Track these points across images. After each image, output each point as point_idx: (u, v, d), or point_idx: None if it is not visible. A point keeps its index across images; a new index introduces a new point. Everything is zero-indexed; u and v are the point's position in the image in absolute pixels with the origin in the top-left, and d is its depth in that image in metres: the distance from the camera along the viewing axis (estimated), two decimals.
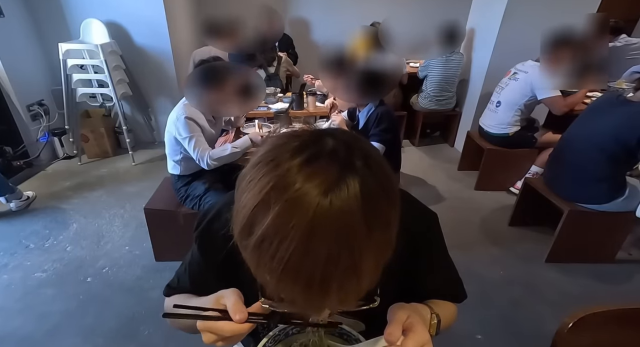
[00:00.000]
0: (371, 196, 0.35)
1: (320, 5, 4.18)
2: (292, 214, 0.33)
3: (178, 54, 3.41)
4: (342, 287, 0.35)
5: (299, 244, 0.33)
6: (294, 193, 0.34)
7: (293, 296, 0.37)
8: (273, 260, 0.34)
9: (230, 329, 0.46)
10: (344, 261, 0.34)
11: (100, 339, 1.63)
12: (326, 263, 0.33)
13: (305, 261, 0.33)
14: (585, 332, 0.71)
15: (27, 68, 3.08)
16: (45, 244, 2.25)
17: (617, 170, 1.87)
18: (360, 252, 0.35)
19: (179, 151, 1.85)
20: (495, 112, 2.67)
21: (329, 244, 0.33)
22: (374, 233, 0.35)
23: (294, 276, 0.34)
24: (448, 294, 0.69)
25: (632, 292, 1.94)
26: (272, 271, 0.35)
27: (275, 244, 0.34)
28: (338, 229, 0.33)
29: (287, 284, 0.35)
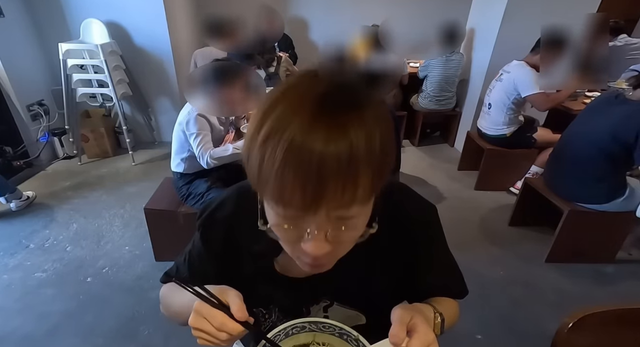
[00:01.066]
0: (374, 112, 0.40)
1: (320, 5, 4.17)
2: (297, 109, 0.38)
3: (178, 54, 3.41)
4: (338, 183, 0.37)
5: (298, 134, 0.36)
6: (301, 92, 0.39)
7: (291, 191, 0.38)
8: (275, 151, 0.37)
9: (221, 322, 0.46)
10: (340, 158, 0.37)
11: (100, 339, 1.63)
12: (324, 153, 0.36)
13: (304, 150, 0.36)
14: (585, 332, 0.71)
15: (27, 68, 3.08)
16: (45, 244, 2.25)
17: (617, 170, 1.87)
18: (357, 157, 0.37)
19: (187, 148, 1.85)
20: (488, 114, 2.69)
21: (328, 138, 0.36)
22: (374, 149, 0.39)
23: (294, 163, 0.37)
24: (450, 290, 0.68)
25: (632, 292, 1.94)
26: (273, 164, 0.37)
27: (278, 136, 0.37)
28: (337, 128, 0.37)
29: (287, 175, 0.37)
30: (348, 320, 0.64)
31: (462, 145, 3.28)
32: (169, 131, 3.72)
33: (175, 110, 3.62)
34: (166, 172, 2.47)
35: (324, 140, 0.36)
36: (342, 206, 0.40)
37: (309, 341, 0.58)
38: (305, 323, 0.57)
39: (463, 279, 0.70)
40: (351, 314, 0.64)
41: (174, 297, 0.64)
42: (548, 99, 2.45)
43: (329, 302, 0.64)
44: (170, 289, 0.68)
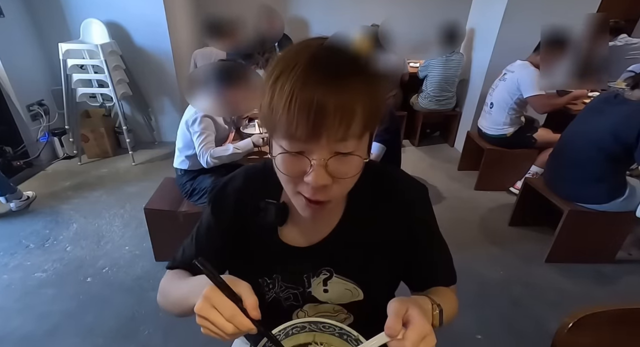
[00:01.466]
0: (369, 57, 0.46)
1: (320, 5, 4.17)
2: (305, 48, 0.47)
3: (178, 54, 3.41)
4: (337, 106, 0.43)
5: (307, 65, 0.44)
6: (310, 41, 0.49)
7: (297, 122, 0.44)
8: (285, 85, 0.44)
9: (232, 313, 0.45)
10: (341, 81, 0.44)
11: (100, 339, 1.63)
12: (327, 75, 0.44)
13: (310, 80, 0.43)
14: (585, 332, 0.71)
15: (27, 68, 3.08)
16: (45, 244, 2.25)
17: (617, 170, 1.87)
18: (354, 81, 0.45)
19: (193, 146, 1.86)
20: (490, 114, 2.68)
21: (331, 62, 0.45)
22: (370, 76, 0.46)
23: (300, 91, 0.43)
24: (443, 276, 0.69)
25: (632, 292, 1.94)
26: (282, 97, 0.44)
27: (287, 72, 0.45)
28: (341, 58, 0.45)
29: (293, 106, 0.43)
30: (347, 294, 0.66)
31: (462, 145, 3.28)
32: (169, 131, 3.73)
33: (175, 110, 3.62)
34: (166, 172, 2.47)
35: (326, 79, 0.43)
36: (340, 137, 0.45)
37: (309, 340, 0.58)
38: (305, 323, 0.57)
39: (451, 264, 0.70)
40: (349, 287, 0.65)
41: (174, 286, 0.64)
42: (548, 102, 2.45)
43: (328, 274, 0.65)
44: (172, 277, 0.68)
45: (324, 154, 0.47)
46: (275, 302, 0.68)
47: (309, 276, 0.66)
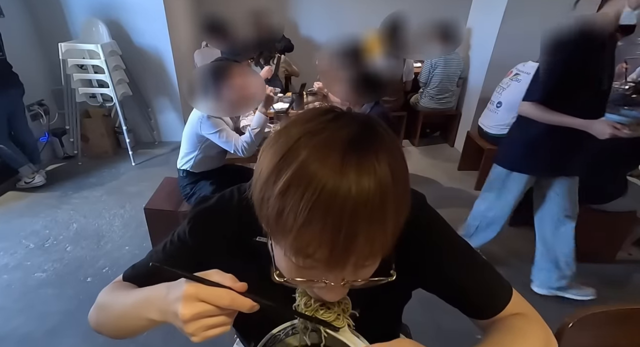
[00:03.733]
0: (392, 149, 0.39)
1: (320, 6, 4.17)
2: (320, 161, 0.35)
3: (178, 54, 3.41)
4: (369, 235, 0.36)
5: (325, 188, 0.33)
6: (325, 137, 0.36)
7: (317, 248, 0.36)
8: (299, 206, 0.34)
9: (231, 298, 0.39)
10: (371, 205, 0.34)
11: (100, 339, 1.62)
12: (354, 207, 0.34)
13: (334, 204, 0.34)
14: (585, 332, 0.71)
15: (27, 68, 3.08)
16: (45, 244, 2.25)
17: (619, 170, 1.87)
18: (387, 198, 0.36)
19: (198, 147, 1.87)
20: (496, 113, 2.66)
21: (357, 189, 0.34)
22: (399, 182, 0.38)
23: (322, 221, 0.34)
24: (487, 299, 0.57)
25: (632, 292, 1.94)
26: (296, 220, 0.35)
27: (302, 188, 0.34)
28: (366, 177, 0.35)
29: (313, 233, 0.35)
30: None
31: (462, 145, 3.28)
32: (169, 131, 3.74)
33: (175, 110, 3.63)
34: (166, 172, 2.47)
35: (357, 191, 0.34)
36: (371, 256, 0.38)
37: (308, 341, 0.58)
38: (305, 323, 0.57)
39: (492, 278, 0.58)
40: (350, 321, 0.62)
41: (120, 295, 0.55)
42: None
43: None
44: (112, 290, 0.59)
45: (345, 275, 0.40)
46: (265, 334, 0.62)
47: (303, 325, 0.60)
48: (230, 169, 2.08)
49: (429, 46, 1.03)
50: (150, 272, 0.60)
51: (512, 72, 2.62)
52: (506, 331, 0.53)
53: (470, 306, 0.59)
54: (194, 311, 0.38)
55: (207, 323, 0.39)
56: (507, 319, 0.56)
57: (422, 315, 1.66)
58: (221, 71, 1.13)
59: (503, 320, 0.56)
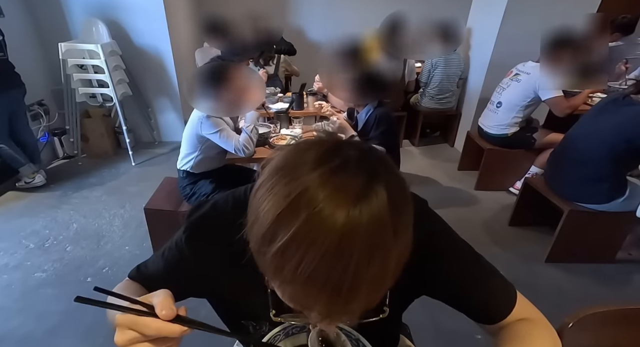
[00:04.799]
0: (396, 201, 0.36)
1: (320, 7, 4.17)
2: (322, 222, 0.33)
3: (178, 54, 3.41)
4: (370, 291, 0.35)
5: (329, 251, 0.33)
6: (323, 201, 0.34)
7: (315, 303, 0.36)
8: (299, 267, 0.33)
9: (156, 327, 0.38)
10: (374, 266, 0.34)
11: (101, 339, 1.63)
12: (357, 268, 0.33)
13: (337, 266, 0.33)
14: (585, 332, 0.71)
15: (27, 68, 3.08)
16: (45, 244, 2.25)
17: (620, 170, 1.88)
18: (389, 255, 0.35)
19: (198, 147, 1.88)
20: (496, 113, 2.66)
21: (360, 250, 0.33)
22: (400, 236, 0.36)
23: (323, 281, 0.34)
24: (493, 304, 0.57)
25: (632, 292, 1.94)
26: (295, 278, 0.34)
27: (302, 250, 0.33)
28: (370, 236, 0.34)
29: (312, 291, 0.35)
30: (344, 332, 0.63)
31: (462, 145, 3.28)
32: (169, 131, 3.74)
33: (175, 110, 3.63)
34: (166, 172, 2.47)
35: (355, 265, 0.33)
36: (367, 307, 0.37)
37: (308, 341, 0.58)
38: (305, 323, 0.57)
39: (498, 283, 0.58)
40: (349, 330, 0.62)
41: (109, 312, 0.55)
42: (568, 104, 2.41)
43: None
44: (124, 288, 0.61)
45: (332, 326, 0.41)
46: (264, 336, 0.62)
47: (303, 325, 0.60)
48: (230, 169, 2.08)
49: (429, 46, 1.03)
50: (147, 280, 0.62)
51: (512, 72, 2.62)
52: (515, 341, 0.52)
53: (475, 312, 0.59)
54: (125, 338, 0.39)
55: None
56: (515, 325, 0.56)
57: (422, 315, 1.66)
58: (219, 71, 1.14)
59: (510, 327, 0.56)
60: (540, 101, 2.47)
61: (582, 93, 2.52)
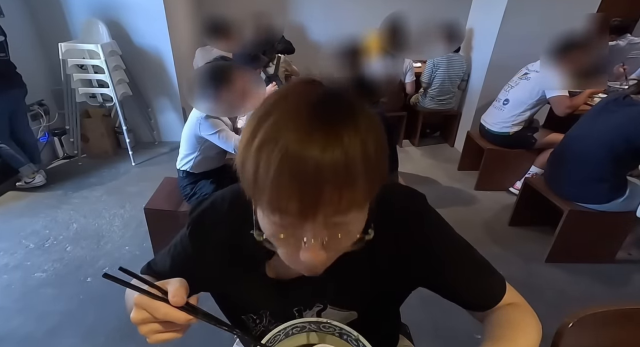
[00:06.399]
0: (363, 105, 0.41)
1: (318, 8, 4.17)
2: (292, 118, 0.38)
3: (178, 54, 3.41)
4: (335, 189, 0.37)
5: (295, 141, 0.36)
6: (293, 100, 0.40)
7: (288, 199, 0.38)
8: (270, 158, 0.37)
9: (164, 312, 0.42)
10: (337, 152, 0.36)
11: (101, 339, 1.63)
12: (319, 159, 0.36)
13: (300, 157, 0.36)
14: (585, 332, 0.71)
15: (27, 68, 3.07)
16: (45, 244, 2.25)
17: (620, 170, 1.88)
18: (352, 153, 0.37)
19: (198, 148, 1.88)
20: (501, 110, 2.66)
21: (324, 145, 0.36)
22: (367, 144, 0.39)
23: (290, 169, 0.36)
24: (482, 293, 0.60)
25: (632, 292, 1.94)
26: (268, 172, 0.37)
27: (273, 144, 0.37)
28: (334, 131, 0.37)
29: (283, 181, 0.37)
30: (342, 320, 0.63)
31: (462, 145, 3.28)
32: (169, 131, 3.74)
33: (175, 110, 3.63)
34: (166, 172, 2.47)
35: (320, 148, 0.36)
36: (339, 211, 0.39)
37: (312, 342, 0.58)
38: (305, 323, 0.57)
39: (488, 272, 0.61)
40: (345, 315, 0.63)
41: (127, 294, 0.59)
42: (571, 103, 2.41)
43: (322, 306, 0.62)
44: None
45: (319, 232, 0.41)
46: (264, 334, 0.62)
47: (300, 309, 0.62)
48: (230, 169, 2.08)
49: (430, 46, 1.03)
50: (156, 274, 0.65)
51: (522, 70, 2.62)
52: (506, 325, 0.56)
53: (468, 301, 0.61)
54: (139, 317, 0.44)
55: (154, 328, 0.44)
56: (504, 310, 0.60)
57: (421, 315, 1.66)
58: (220, 72, 1.14)
59: (499, 311, 0.59)
60: (546, 101, 2.48)
61: (583, 93, 2.52)
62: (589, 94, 2.53)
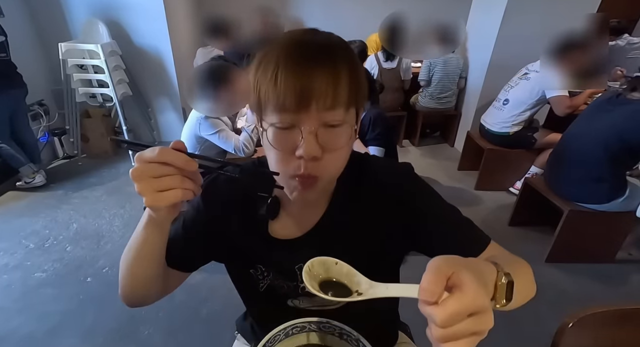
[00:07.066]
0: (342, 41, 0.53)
1: (319, 6, 4.18)
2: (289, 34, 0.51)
3: (178, 54, 3.41)
4: (323, 76, 0.47)
5: (292, 38, 0.49)
6: (283, 38, 0.51)
7: (285, 94, 0.47)
8: (270, 66, 0.48)
9: (161, 152, 0.44)
10: (324, 48, 0.49)
11: (100, 339, 1.63)
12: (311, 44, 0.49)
13: (296, 46, 0.48)
14: (585, 332, 0.71)
15: (27, 68, 3.08)
16: (45, 244, 2.25)
17: (619, 170, 1.87)
18: (335, 50, 0.50)
19: (197, 148, 1.89)
20: (501, 110, 2.66)
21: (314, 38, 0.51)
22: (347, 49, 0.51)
23: (285, 61, 0.47)
24: (469, 240, 0.63)
25: (632, 292, 1.94)
26: (268, 72, 0.48)
27: (273, 48, 0.49)
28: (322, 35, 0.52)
29: (281, 78, 0.47)
30: None
31: (462, 145, 3.28)
32: (169, 131, 3.73)
33: (175, 110, 3.63)
34: None
35: (309, 50, 0.48)
36: (329, 106, 0.48)
37: (308, 341, 0.59)
38: (305, 323, 0.57)
39: (473, 225, 0.66)
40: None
41: (127, 246, 0.59)
42: (570, 103, 2.42)
43: None
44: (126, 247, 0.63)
45: (313, 124, 0.49)
46: (269, 290, 0.68)
47: (300, 267, 0.64)
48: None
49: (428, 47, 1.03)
50: None
51: (522, 71, 2.62)
52: (504, 259, 0.57)
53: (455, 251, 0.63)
54: (138, 168, 0.44)
55: (154, 184, 0.44)
56: (494, 255, 0.62)
57: (422, 315, 1.66)
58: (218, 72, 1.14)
59: (492, 256, 0.61)
60: (546, 101, 2.48)
61: (583, 93, 2.52)
62: (589, 94, 2.53)
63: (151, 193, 0.44)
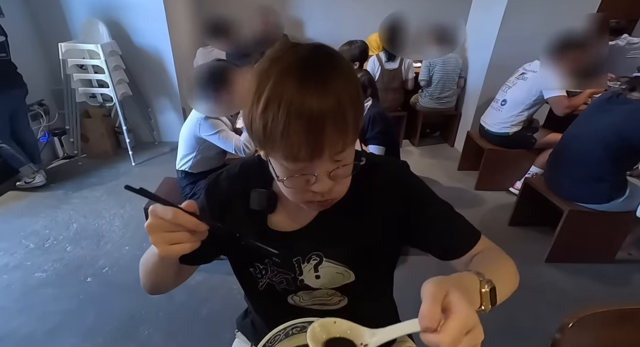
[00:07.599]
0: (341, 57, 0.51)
1: (318, 6, 4.17)
2: (286, 78, 0.46)
3: (178, 54, 3.41)
4: (335, 130, 0.47)
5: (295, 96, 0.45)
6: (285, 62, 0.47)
7: (299, 146, 0.46)
8: (278, 115, 0.45)
9: (174, 213, 0.47)
10: (331, 100, 0.46)
11: (100, 339, 1.63)
12: (320, 101, 0.45)
13: (302, 108, 0.45)
14: (585, 332, 0.71)
15: (27, 68, 3.08)
16: (45, 244, 2.25)
17: (619, 170, 1.87)
18: (340, 91, 0.47)
19: (196, 148, 1.88)
20: (499, 111, 2.66)
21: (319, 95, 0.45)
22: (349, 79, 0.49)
23: (297, 121, 0.45)
24: (461, 236, 0.66)
25: (632, 292, 1.94)
26: (277, 127, 0.46)
27: (277, 103, 0.45)
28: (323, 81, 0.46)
29: (293, 132, 0.45)
30: (338, 277, 0.67)
31: (462, 145, 3.28)
32: (169, 131, 3.74)
33: (175, 110, 3.63)
34: (166, 172, 2.47)
35: (317, 98, 0.45)
36: (340, 149, 0.49)
37: None
38: (305, 323, 0.57)
39: (465, 221, 0.69)
40: (340, 271, 0.67)
41: (147, 255, 0.66)
42: (569, 103, 2.41)
43: (318, 260, 0.66)
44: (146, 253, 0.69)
45: (326, 167, 0.51)
46: (269, 287, 0.70)
47: (298, 260, 0.67)
48: None
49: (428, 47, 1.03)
50: None
51: (519, 71, 2.62)
52: (488, 260, 0.62)
53: (445, 249, 0.66)
54: (152, 223, 0.48)
55: (165, 237, 0.48)
56: (481, 251, 0.66)
57: None
58: (218, 73, 1.14)
59: (480, 253, 0.65)
60: (544, 101, 2.47)
61: (583, 93, 2.52)
62: (589, 94, 2.53)
63: (163, 245, 0.48)
